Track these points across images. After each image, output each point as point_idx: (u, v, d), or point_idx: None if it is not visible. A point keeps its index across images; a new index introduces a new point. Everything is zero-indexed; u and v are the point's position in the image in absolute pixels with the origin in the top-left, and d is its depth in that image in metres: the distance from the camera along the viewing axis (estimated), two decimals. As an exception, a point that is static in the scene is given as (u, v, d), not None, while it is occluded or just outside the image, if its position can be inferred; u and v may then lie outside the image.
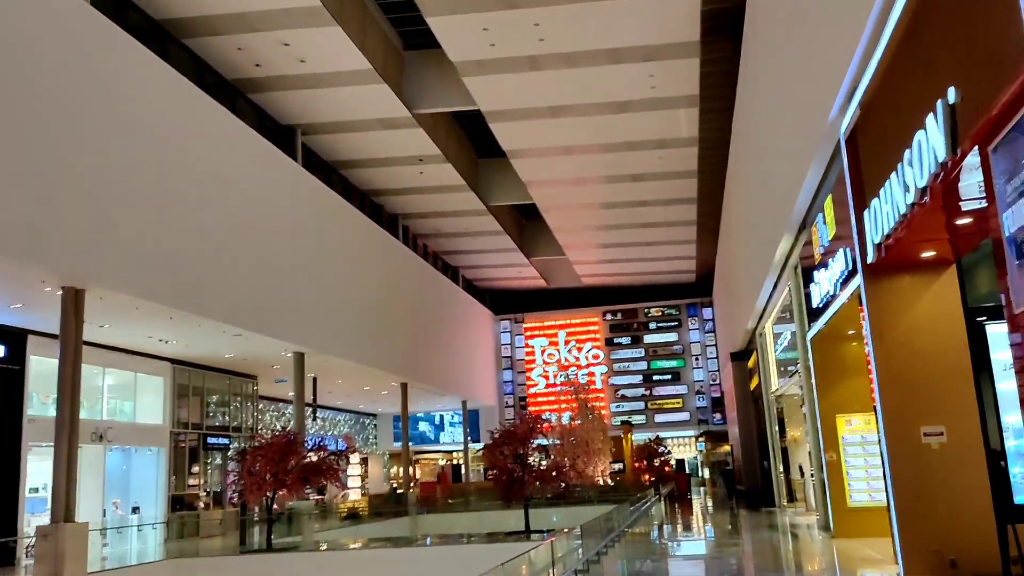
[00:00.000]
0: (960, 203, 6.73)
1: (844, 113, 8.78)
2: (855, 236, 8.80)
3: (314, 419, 29.91)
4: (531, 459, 18.17)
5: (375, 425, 43.51)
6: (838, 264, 10.30)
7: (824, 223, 11.15)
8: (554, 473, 17.88)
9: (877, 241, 8.01)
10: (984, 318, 8.25)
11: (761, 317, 21.21)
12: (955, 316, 8.43)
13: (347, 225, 25.59)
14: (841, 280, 10.28)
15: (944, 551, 8.02)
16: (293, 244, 21.69)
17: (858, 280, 9.04)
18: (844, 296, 10.19)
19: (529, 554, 9.02)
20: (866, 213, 8.30)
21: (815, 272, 11.98)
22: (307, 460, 16.99)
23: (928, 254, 8.14)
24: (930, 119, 6.04)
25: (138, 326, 18.36)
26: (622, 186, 28.69)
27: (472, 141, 28.91)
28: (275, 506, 17.09)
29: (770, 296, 18.43)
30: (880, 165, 7.82)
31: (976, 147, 5.43)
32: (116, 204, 14.76)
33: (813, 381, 13.27)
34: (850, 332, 12.44)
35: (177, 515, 22.15)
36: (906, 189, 6.82)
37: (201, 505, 24.47)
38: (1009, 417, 7.95)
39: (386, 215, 30.92)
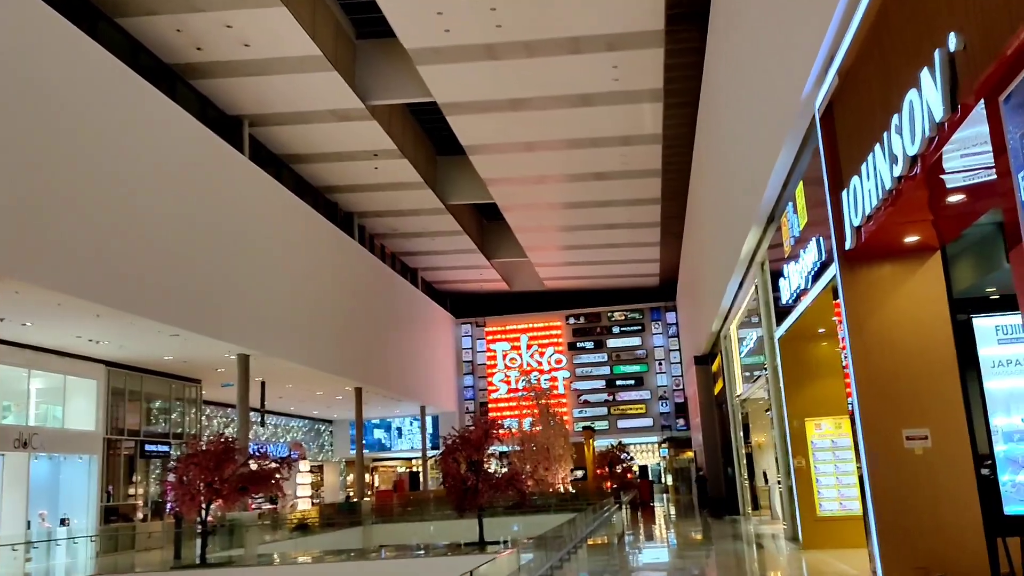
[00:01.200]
0: (951, 177, 5.97)
1: (820, 85, 8.01)
2: (831, 221, 8.02)
3: (262, 425, 28.67)
4: (488, 466, 17.23)
5: (331, 432, 42.26)
6: (810, 255, 9.54)
7: (795, 212, 10.40)
8: (510, 481, 16.90)
9: (857, 224, 7.23)
10: (971, 311, 7.54)
11: (726, 319, 20.53)
12: (939, 309, 7.70)
13: (298, 222, 24.49)
14: (813, 272, 9.52)
15: (929, 567, 7.25)
16: (238, 240, 20.57)
17: (833, 270, 8.27)
18: (816, 289, 9.43)
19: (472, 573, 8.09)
20: (844, 194, 7.53)
21: (785, 266, 11.24)
22: (246, 469, 15.83)
23: (912, 239, 7.38)
24: (925, 74, 5.25)
25: (65, 325, 17.11)
26: (585, 185, 27.93)
27: (431, 138, 27.99)
28: (210, 518, 15.90)
29: (735, 296, 17.73)
30: (861, 139, 7.04)
31: (982, 100, 4.64)
32: (34, 190, 13.58)
33: (781, 383, 12.53)
34: (820, 330, 11.73)
35: (110, 527, 20.82)
36: (893, 160, 6.03)
37: (139, 516, 23.14)
38: (998, 419, 7.22)
39: (341, 213, 29.84)
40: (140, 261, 16.35)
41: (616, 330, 43.13)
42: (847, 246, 7.60)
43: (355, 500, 27.87)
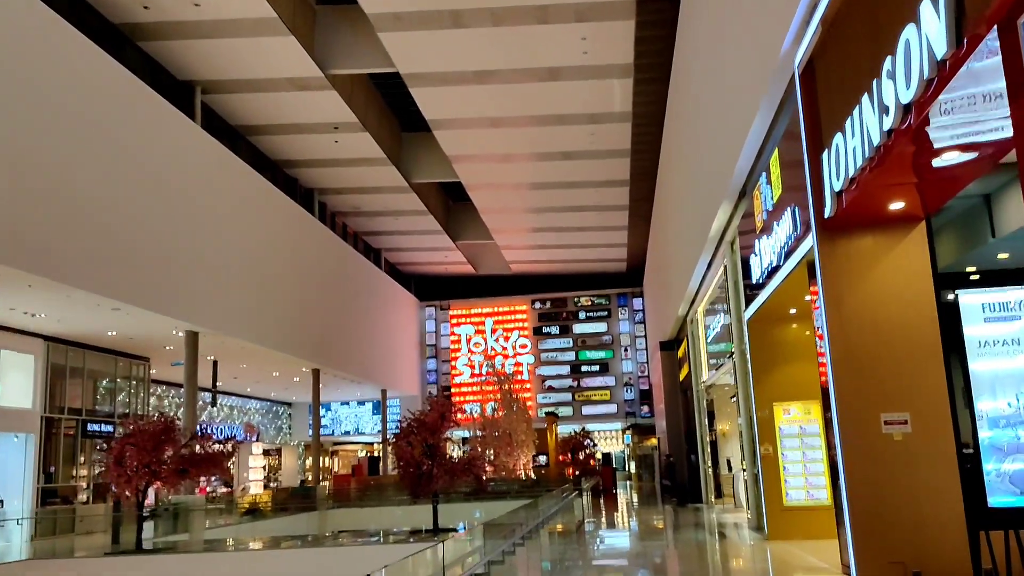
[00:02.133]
0: (942, 134, 5.37)
1: (800, 39, 7.37)
2: (808, 187, 7.42)
3: (213, 405, 27.70)
4: (451, 451, 16.59)
5: (289, 415, 41.29)
6: (784, 228, 8.95)
7: (769, 184, 9.81)
8: (467, 466, 16.24)
9: (838, 188, 6.63)
10: (956, 287, 6.99)
11: (693, 302, 20.01)
12: (923, 285, 7.15)
13: (254, 196, 23.50)
14: (787, 247, 8.93)
15: (907, 562, 6.70)
16: (188, 213, 19.59)
17: (809, 242, 7.68)
18: (790, 265, 8.84)
19: (412, 558, 7.39)
20: (825, 156, 6.92)
21: (756, 242, 10.65)
22: (188, 450, 14.99)
23: (897, 206, 6.79)
24: (925, 5, 4.61)
25: (-5, 295, 16.09)
26: (552, 165, 27.23)
27: (396, 114, 27.11)
28: (147, 501, 15.05)
29: (703, 277, 17.18)
30: (845, 94, 6.42)
31: (995, 28, 4.01)
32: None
33: (749, 367, 11.99)
34: (791, 311, 11.20)
35: (48, 510, 19.83)
36: (883, 111, 5.41)
37: (81, 499, 22.14)
38: (983, 403, 6.68)
39: (301, 189, 28.85)
40: (77, 230, 15.36)
41: (582, 315, 42.59)
42: (826, 214, 6.99)
43: (311, 484, 27.03)
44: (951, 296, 6.93)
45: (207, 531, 19.67)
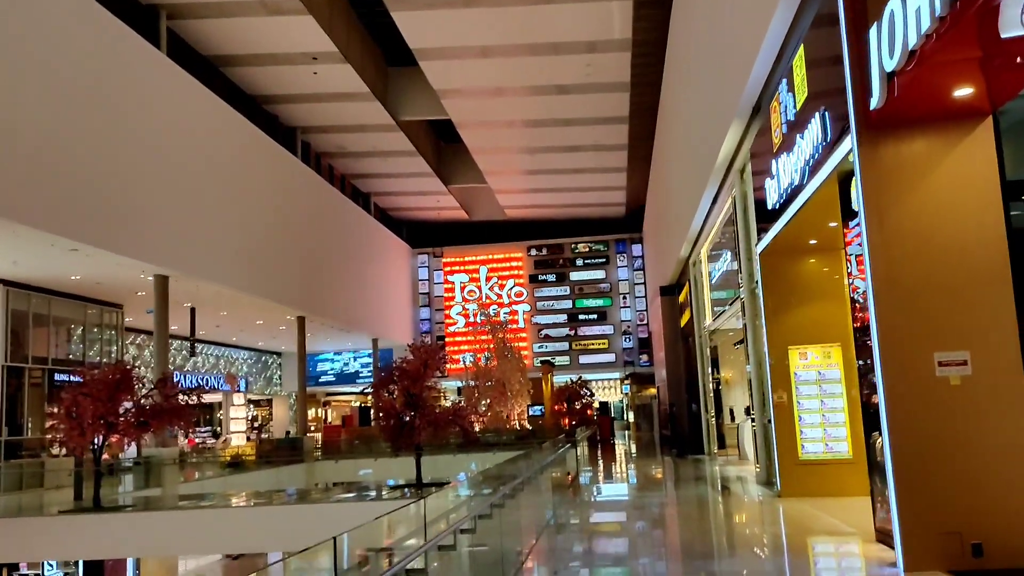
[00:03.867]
0: None
1: None
2: (847, 77, 6.05)
3: (193, 355, 26.54)
4: (442, 399, 15.44)
5: (279, 364, 40.20)
6: (810, 139, 7.60)
7: (790, 91, 8.42)
8: (453, 417, 15.09)
9: (891, 67, 5.26)
10: (1028, 198, 5.69)
11: (696, 242, 18.70)
12: (988, 196, 5.82)
13: (228, 132, 21.98)
14: (812, 161, 7.60)
15: (964, 532, 5.50)
16: (153, 148, 18.11)
17: (845, 147, 6.35)
18: (816, 182, 7.51)
19: (389, 517, 6.20)
20: (872, 32, 5.54)
21: (773, 162, 9.30)
22: (148, 400, 13.82)
23: (963, 92, 5.43)
24: None
25: (-62, 235, 14.74)
26: (546, 100, 25.64)
27: (382, 48, 25.47)
28: (104, 455, 13.93)
29: (708, 213, 15.83)
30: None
31: None
32: None
33: (761, 306, 10.71)
34: (811, 242, 9.90)
35: (14, 463, 18.77)
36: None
37: (55, 451, 21.05)
38: (1061, 340, 5.43)
39: (281, 128, 27.27)
40: (21, 160, 13.95)
41: (579, 262, 41.25)
42: (873, 104, 5.64)
43: (297, 436, 26.01)
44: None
45: (184, 486, 18.71)
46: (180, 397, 14.32)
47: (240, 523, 14.02)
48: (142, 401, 13.75)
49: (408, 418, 14.71)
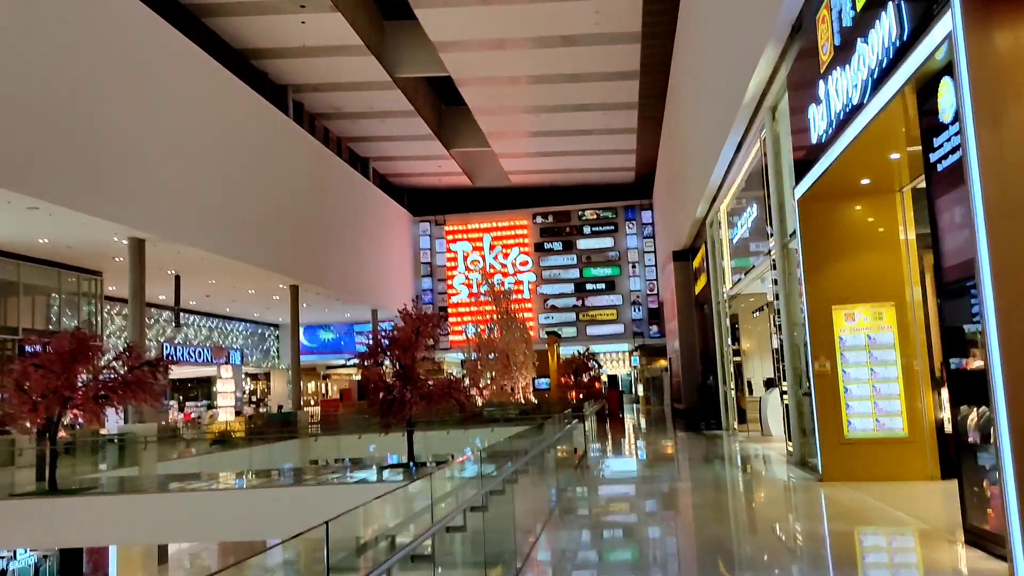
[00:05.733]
0: None
1: None
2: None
3: (177, 326, 25.19)
4: (426, 372, 13.99)
5: (277, 337, 38.92)
6: (877, 40, 6.08)
7: (847, -11, 6.88)
8: (447, 390, 13.67)
9: None
10: None
11: (715, 199, 17.15)
12: None
13: (211, 86, 20.43)
14: (880, 69, 6.09)
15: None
16: (125, 101, 16.63)
17: (936, 36, 4.85)
18: (887, 92, 5.99)
19: (362, 509, 4.81)
20: None
21: (821, 83, 7.77)
22: (109, 372, 12.46)
23: None
24: None
25: None
26: (552, 53, 23.98)
27: (378, 2, 23.91)
28: (60, 432, 12.59)
29: (731, 163, 14.28)
30: None
31: None
32: None
33: (800, 259, 9.22)
34: (864, 181, 8.39)
35: (-21, 440, 17.48)
36: None
37: (29, 427, 19.77)
38: None
39: (270, 85, 25.71)
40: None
41: (587, 230, 39.68)
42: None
43: (289, 411, 24.71)
44: None
45: (165, 464, 17.45)
46: (146, 369, 12.95)
47: (223, 507, 12.71)
48: (102, 373, 12.41)
49: (398, 392, 13.33)
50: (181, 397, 32.83)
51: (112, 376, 12.48)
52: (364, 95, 27.47)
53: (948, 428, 8.42)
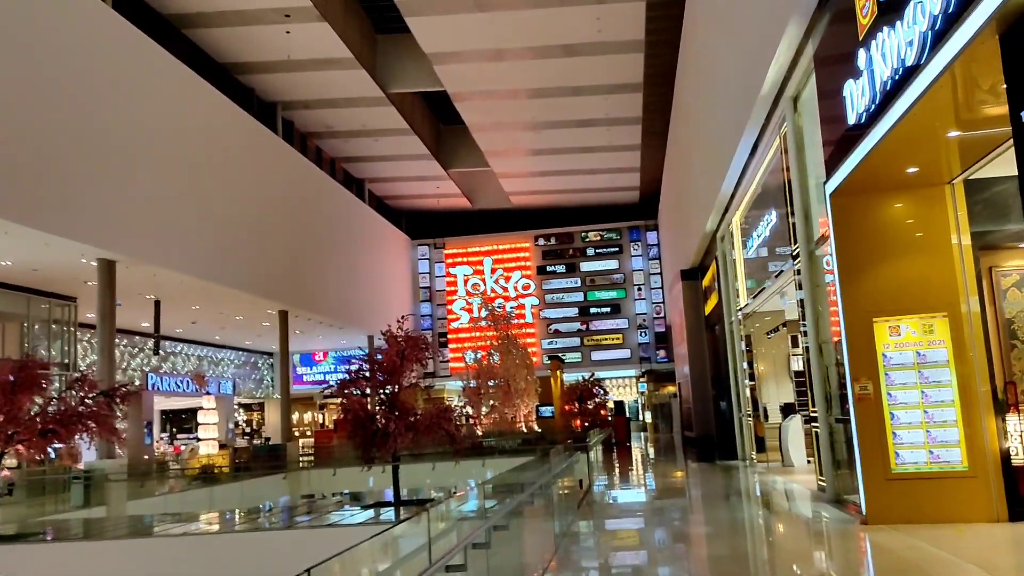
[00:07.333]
0: None
1: None
2: None
3: (156, 353, 23.95)
4: (413, 400, 12.69)
5: (271, 365, 37.62)
6: (941, -19, 4.88)
7: (896, -71, 5.69)
8: (436, 420, 12.35)
9: None
10: None
11: (727, 210, 15.93)
12: None
13: (192, 101, 19.38)
14: (943, 17, 4.89)
15: None
16: (95, 113, 15.58)
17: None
18: (957, 42, 4.78)
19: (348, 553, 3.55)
20: None
21: (861, 52, 6.56)
22: (58, 404, 11.20)
23: None
24: None
25: None
26: (552, 63, 22.92)
27: (369, 14, 22.95)
28: (3, 472, 11.33)
29: (744, 168, 13.07)
30: None
31: None
32: None
33: (835, 264, 7.96)
34: (910, 170, 7.16)
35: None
36: None
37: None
38: None
39: (257, 102, 24.68)
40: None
41: (591, 252, 38.48)
42: None
43: (275, 443, 23.37)
44: None
45: (139, 502, 16.17)
46: (102, 399, 11.68)
47: (190, 553, 11.38)
48: (50, 405, 11.14)
49: (381, 423, 12.03)
50: (174, 429, 31.52)
51: (62, 408, 11.26)
52: (357, 112, 26.45)
53: (1017, 460, 7.14)
